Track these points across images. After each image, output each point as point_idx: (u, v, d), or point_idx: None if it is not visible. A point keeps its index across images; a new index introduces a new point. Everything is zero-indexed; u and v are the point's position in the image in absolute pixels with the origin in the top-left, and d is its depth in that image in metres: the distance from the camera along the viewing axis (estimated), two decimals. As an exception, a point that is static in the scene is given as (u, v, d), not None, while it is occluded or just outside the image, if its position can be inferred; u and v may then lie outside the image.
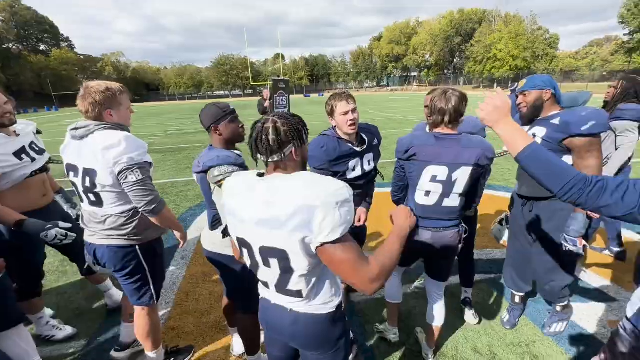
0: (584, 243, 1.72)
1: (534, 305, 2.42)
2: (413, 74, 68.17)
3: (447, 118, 1.58)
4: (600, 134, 1.66)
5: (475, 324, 2.30)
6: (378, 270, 0.93)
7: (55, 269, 3.14)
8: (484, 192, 2.10)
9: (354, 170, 1.99)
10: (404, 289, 2.53)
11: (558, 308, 2.09)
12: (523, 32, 46.53)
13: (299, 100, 36.94)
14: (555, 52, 48.99)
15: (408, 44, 63.20)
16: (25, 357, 1.72)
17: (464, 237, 1.77)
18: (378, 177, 2.20)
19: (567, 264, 1.94)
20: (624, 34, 40.69)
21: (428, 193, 1.65)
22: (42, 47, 53.39)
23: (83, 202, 1.65)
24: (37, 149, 2.04)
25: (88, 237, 1.70)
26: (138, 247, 1.70)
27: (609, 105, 2.66)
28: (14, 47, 49.23)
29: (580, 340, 2.13)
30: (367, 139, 2.02)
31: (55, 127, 17.58)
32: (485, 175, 1.82)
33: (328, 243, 0.92)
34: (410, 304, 2.52)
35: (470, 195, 1.74)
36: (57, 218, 1.93)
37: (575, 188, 0.95)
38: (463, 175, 1.60)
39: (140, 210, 1.58)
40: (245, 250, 1.09)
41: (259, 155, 1.01)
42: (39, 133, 2.22)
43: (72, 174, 1.61)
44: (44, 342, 2.21)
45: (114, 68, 58.72)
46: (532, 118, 1.86)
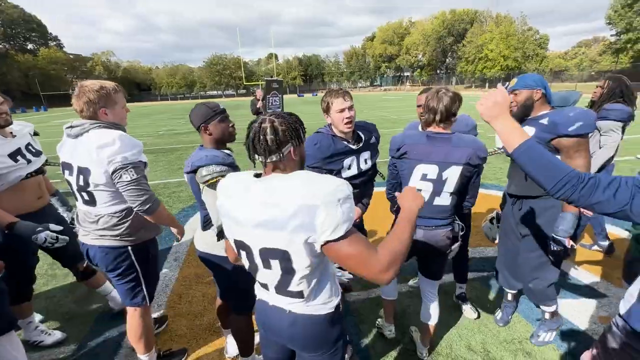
0: (572, 243, 1.73)
1: (527, 303, 2.45)
2: (406, 74, 68.56)
3: (438, 117, 1.59)
4: (588, 134, 1.67)
5: (475, 319, 2.33)
6: (388, 259, 0.89)
7: (44, 272, 3.08)
8: (477, 190, 2.11)
9: (350, 169, 1.94)
10: (399, 288, 2.54)
11: (547, 315, 2.06)
12: (514, 32, 47.13)
13: (293, 100, 36.87)
14: (545, 52, 49.69)
15: (401, 44, 63.56)
16: None
17: (461, 234, 1.77)
18: (378, 176, 2.17)
19: (552, 262, 1.92)
20: (611, 35, 41.56)
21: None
22: (29, 46, 52.25)
23: (77, 201, 1.65)
24: (33, 151, 2.01)
25: (82, 236, 1.70)
26: (131, 248, 1.69)
27: (596, 105, 2.70)
28: (1, 46, 48.14)
29: (572, 336, 2.16)
30: (363, 137, 1.97)
31: (44, 127, 17.24)
32: (479, 174, 1.83)
33: (332, 241, 0.90)
34: (405, 303, 2.53)
35: (462, 194, 1.75)
36: (51, 221, 1.90)
37: (569, 185, 0.96)
38: (453, 174, 1.60)
39: (135, 210, 1.56)
40: (244, 253, 1.07)
41: (257, 156, 0.98)
42: (36, 135, 2.19)
43: (67, 172, 1.61)
44: (33, 347, 2.16)
45: (104, 68, 57.72)
46: (522, 117, 1.86)
